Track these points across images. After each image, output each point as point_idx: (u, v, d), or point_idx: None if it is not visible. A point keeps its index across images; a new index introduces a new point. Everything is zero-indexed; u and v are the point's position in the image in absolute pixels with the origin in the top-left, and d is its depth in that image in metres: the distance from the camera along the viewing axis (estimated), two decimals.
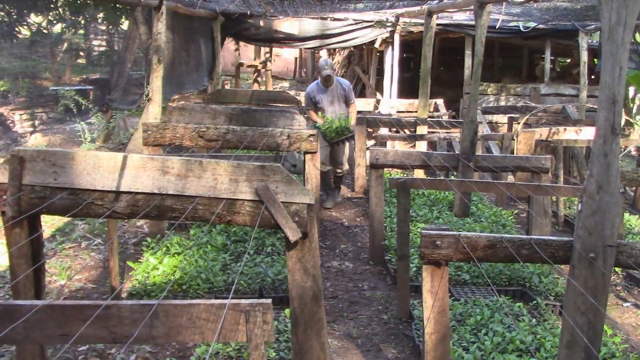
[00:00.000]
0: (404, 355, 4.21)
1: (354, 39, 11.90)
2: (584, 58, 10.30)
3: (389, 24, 11.44)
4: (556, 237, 2.80)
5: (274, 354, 3.78)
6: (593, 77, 12.59)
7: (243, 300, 1.96)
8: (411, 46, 15.31)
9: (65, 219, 6.38)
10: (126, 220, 6.53)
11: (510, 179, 7.99)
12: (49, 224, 6.16)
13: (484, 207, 7.18)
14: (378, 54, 13.84)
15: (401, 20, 11.24)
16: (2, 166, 2.86)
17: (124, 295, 4.67)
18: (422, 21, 9.02)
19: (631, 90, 12.50)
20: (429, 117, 8.96)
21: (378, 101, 11.55)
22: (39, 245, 3.07)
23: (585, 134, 7.95)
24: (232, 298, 2.10)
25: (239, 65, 16.60)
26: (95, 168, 2.94)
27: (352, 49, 15.56)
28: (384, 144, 10.05)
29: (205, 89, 10.41)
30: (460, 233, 2.82)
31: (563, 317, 2.72)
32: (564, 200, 7.77)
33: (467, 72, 12.13)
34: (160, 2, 6.40)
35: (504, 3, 7.91)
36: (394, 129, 9.10)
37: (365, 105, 11.08)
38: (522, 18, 11.02)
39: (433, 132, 8.76)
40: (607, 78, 2.43)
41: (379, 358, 4.19)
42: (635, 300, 5.41)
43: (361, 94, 14.21)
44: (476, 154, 5.72)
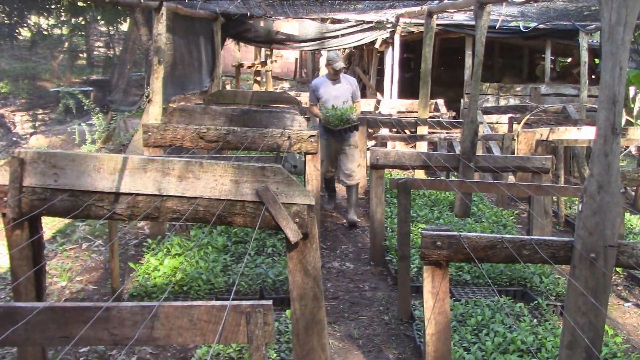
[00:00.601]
0: (405, 356, 4.21)
1: (355, 40, 11.91)
2: (585, 58, 10.29)
3: (389, 25, 11.44)
4: (557, 238, 2.80)
5: (274, 355, 3.78)
6: (594, 77, 12.58)
7: (244, 302, 1.96)
8: (411, 46, 15.32)
9: (66, 221, 6.37)
10: (127, 222, 6.53)
11: (510, 179, 7.99)
12: (50, 225, 6.17)
13: (484, 208, 7.18)
14: (378, 54, 13.85)
15: (401, 20, 11.25)
16: (3, 168, 2.86)
17: (125, 296, 4.66)
18: (422, 21, 9.03)
19: (632, 90, 12.51)
20: (430, 118, 8.96)
21: (378, 101, 11.55)
22: (40, 246, 3.07)
23: (586, 133, 7.94)
24: (233, 299, 2.11)
25: (239, 66, 16.61)
26: (95, 169, 2.94)
27: (353, 49, 15.56)
28: (385, 145, 10.05)
29: (206, 90, 10.42)
30: (460, 233, 2.82)
31: (564, 318, 2.71)
32: (564, 201, 7.76)
33: (468, 72, 12.16)
34: (160, 4, 6.40)
35: (504, 3, 7.91)
36: (395, 130, 9.10)
37: (366, 106, 11.08)
38: (522, 18, 11.02)
39: (433, 133, 8.76)
40: (608, 78, 2.43)
41: (380, 359, 4.18)
42: (637, 300, 5.41)
43: (361, 95, 14.19)
44: (477, 154, 5.72)
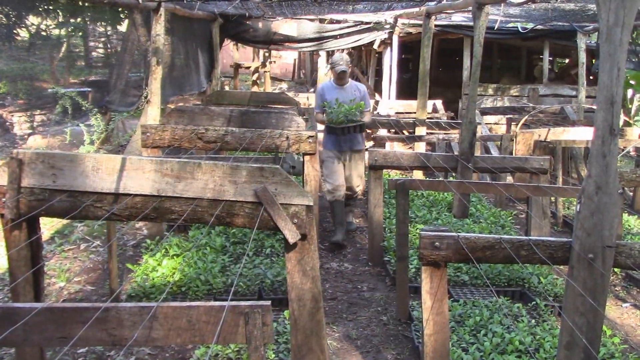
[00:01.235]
0: (403, 356, 4.21)
1: (353, 40, 11.92)
2: (583, 59, 10.31)
3: (387, 26, 11.45)
4: (555, 238, 2.80)
5: (273, 355, 3.78)
6: (591, 78, 12.60)
7: (242, 303, 1.96)
8: (410, 47, 15.33)
9: (64, 221, 6.37)
10: (125, 222, 6.52)
11: (509, 179, 7.99)
12: (48, 226, 6.16)
13: (483, 208, 7.19)
14: (377, 55, 13.87)
15: (399, 21, 11.26)
16: (1, 168, 2.86)
17: (123, 297, 4.66)
18: (421, 22, 9.03)
19: (629, 90, 12.52)
20: (428, 118, 8.97)
21: (377, 102, 11.56)
22: (38, 247, 3.07)
23: (584, 134, 7.95)
24: (232, 300, 2.11)
25: (237, 67, 16.62)
26: (94, 170, 2.94)
27: (351, 50, 15.56)
28: (383, 145, 10.05)
29: (204, 90, 10.42)
30: (459, 234, 2.82)
31: (562, 318, 2.72)
32: (563, 201, 7.77)
33: (466, 73, 12.18)
34: (159, 4, 6.40)
35: (502, 4, 7.92)
36: (393, 130, 9.11)
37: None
38: (521, 19, 11.03)
39: (432, 134, 8.77)
40: (605, 79, 2.44)
41: (378, 359, 4.19)
42: (635, 301, 5.42)
43: None
44: (475, 154, 5.73)
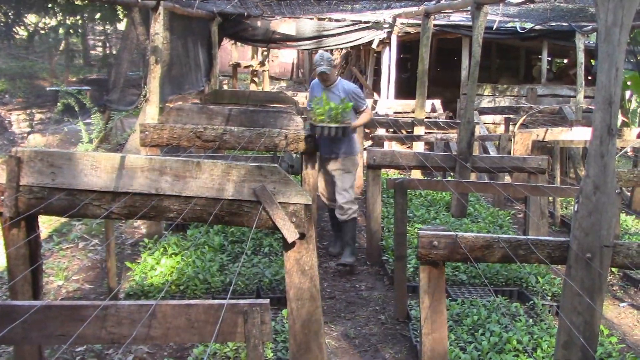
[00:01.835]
0: (401, 355, 4.22)
1: (352, 39, 11.93)
2: (581, 59, 10.32)
3: (386, 25, 11.46)
4: (553, 238, 2.81)
5: (271, 354, 3.79)
6: (590, 78, 12.61)
7: (241, 301, 1.96)
8: (408, 47, 15.33)
9: (63, 220, 6.37)
10: (123, 221, 6.53)
11: (507, 179, 8.00)
12: (46, 224, 6.16)
13: (481, 208, 7.20)
14: (375, 55, 13.86)
15: (398, 21, 11.27)
16: (0, 166, 2.86)
17: (121, 295, 4.66)
18: (419, 22, 9.03)
19: (627, 91, 12.54)
20: (426, 118, 8.97)
21: (375, 102, 11.57)
22: (37, 245, 3.07)
23: (582, 134, 7.97)
24: (230, 298, 2.11)
25: (236, 66, 16.61)
26: (93, 169, 2.94)
27: (350, 49, 15.58)
28: (381, 145, 10.06)
29: (203, 89, 10.42)
30: (457, 233, 2.82)
31: (560, 317, 2.72)
32: (560, 201, 7.78)
33: (464, 73, 12.19)
34: (158, 3, 6.40)
35: (501, 4, 7.92)
36: (391, 130, 9.11)
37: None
38: (519, 19, 11.04)
39: (430, 133, 8.78)
40: (604, 79, 2.44)
41: (376, 358, 4.19)
42: (632, 301, 5.43)
43: None
44: (473, 154, 5.73)
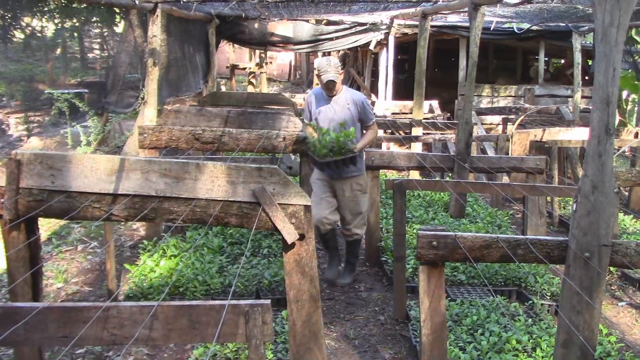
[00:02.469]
0: (400, 355, 4.22)
1: (349, 42, 11.96)
2: (578, 59, 10.35)
3: (383, 26, 11.48)
4: (551, 237, 2.82)
5: (271, 355, 3.79)
6: (587, 78, 12.65)
7: (242, 302, 1.97)
8: (405, 48, 15.36)
9: (61, 222, 6.38)
10: (122, 223, 6.53)
11: (505, 179, 8.02)
12: (45, 227, 6.16)
13: (479, 208, 7.21)
14: (373, 56, 13.89)
15: (395, 22, 11.29)
16: (0, 169, 2.86)
17: (121, 297, 4.66)
18: (417, 23, 9.05)
19: (624, 91, 12.58)
20: (424, 119, 8.99)
21: (373, 103, 11.58)
22: (37, 248, 3.07)
23: (579, 134, 7.99)
24: (230, 300, 2.11)
25: (233, 68, 16.63)
26: (92, 171, 2.94)
27: (347, 50, 15.59)
28: (379, 146, 10.07)
29: (200, 91, 10.43)
30: (456, 233, 2.84)
31: (559, 317, 2.74)
32: (559, 201, 7.80)
33: (462, 74, 12.20)
34: (156, 5, 6.40)
35: (498, 4, 7.94)
36: (389, 131, 9.12)
37: None
38: (516, 19, 11.07)
39: (428, 134, 8.79)
40: (601, 79, 2.46)
41: (376, 359, 4.20)
42: (630, 300, 5.44)
43: None
44: (471, 155, 5.75)
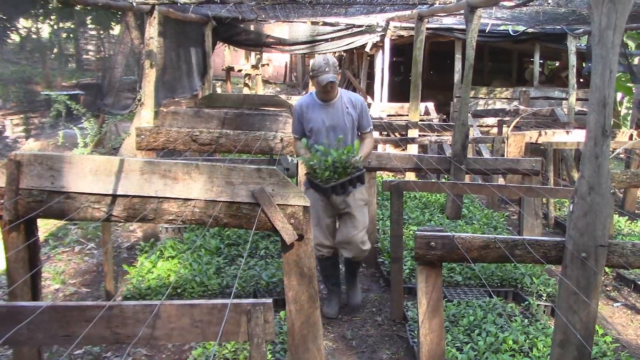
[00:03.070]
0: (398, 356, 4.24)
1: (345, 43, 11.99)
2: (573, 61, 10.40)
3: (379, 29, 11.51)
4: (548, 238, 2.85)
5: (269, 355, 3.80)
6: (581, 80, 12.70)
7: (244, 300, 1.98)
8: (401, 50, 15.39)
9: (59, 224, 6.38)
10: (119, 225, 6.53)
11: (500, 181, 8.05)
12: (43, 228, 6.16)
13: (475, 210, 7.24)
14: (369, 58, 13.92)
15: (391, 24, 11.32)
16: (0, 170, 2.87)
17: (119, 298, 4.67)
18: (412, 25, 9.08)
19: (619, 93, 12.64)
20: (420, 121, 9.02)
21: (369, 105, 11.60)
22: (36, 249, 3.08)
23: (574, 136, 8.04)
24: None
25: (229, 70, 16.65)
26: (92, 172, 2.95)
27: (343, 52, 15.63)
28: (375, 148, 10.08)
29: (197, 93, 10.44)
30: (454, 234, 2.85)
31: (556, 316, 2.76)
32: (554, 202, 7.83)
33: (457, 76, 12.25)
34: (153, 7, 6.42)
35: (494, 7, 7.98)
36: (385, 133, 9.15)
37: None
38: (512, 22, 11.11)
39: (424, 136, 8.82)
40: (598, 81, 2.48)
41: (373, 359, 4.22)
42: (625, 300, 5.48)
43: None
44: (467, 156, 5.77)
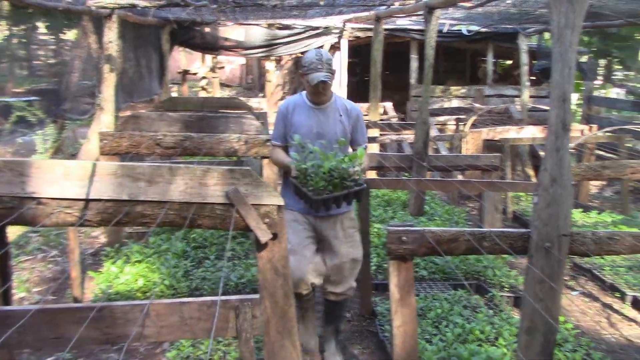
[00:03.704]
0: (369, 350, 4.33)
1: (303, 46, 12.07)
2: (524, 60, 10.70)
3: (336, 30, 11.63)
4: (514, 229, 2.97)
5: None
6: (533, 78, 13.05)
7: (232, 297, 2.03)
8: (357, 51, 15.55)
9: (19, 232, 6.28)
10: (82, 231, 6.46)
11: (459, 177, 8.24)
12: None
13: (436, 206, 7.39)
14: None
15: (348, 25, 11.45)
16: None
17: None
18: (369, 26, 9.22)
19: None
20: (380, 120, 9.15)
21: None
22: (7, 257, 3.05)
23: (528, 132, 8.29)
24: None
25: (185, 73, 16.53)
26: (64, 176, 2.94)
27: (300, 54, 15.68)
28: None
29: (155, 97, 10.37)
30: (424, 228, 2.95)
31: (523, 304, 2.88)
32: (512, 197, 8.05)
33: (414, 76, 12.45)
34: (112, 11, 6.38)
35: (450, 8, 8.16)
36: None
37: None
38: (466, 22, 11.35)
39: (385, 135, 8.95)
40: (558, 77, 2.60)
41: (344, 354, 4.29)
42: (582, 289, 5.69)
43: None
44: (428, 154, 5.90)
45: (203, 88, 17.18)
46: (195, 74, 17.35)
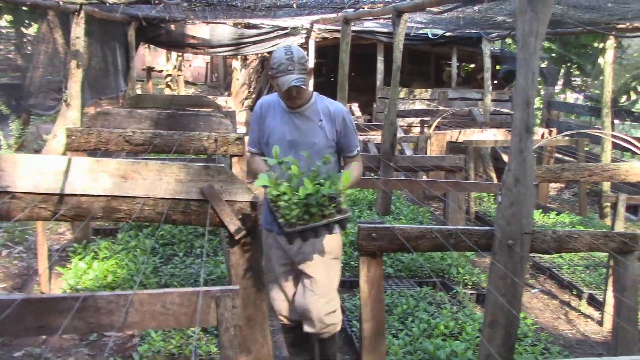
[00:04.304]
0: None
1: (270, 45, 12.13)
2: (488, 64, 10.95)
3: (303, 31, 11.72)
4: (479, 227, 3.09)
5: (215, 349, 3.89)
6: (496, 82, 13.35)
7: (214, 288, 2.10)
8: (324, 52, 15.64)
9: None
10: (47, 227, 6.40)
11: (424, 178, 8.40)
12: None
13: (402, 205, 7.52)
14: None
15: (315, 26, 11.55)
16: None
17: None
18: (336, 28, 9.31)
19: None
20: None
21: None
22: None
23: (490, 134, 8.51)
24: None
25: (149, 70, 16.42)
26: (38, 171, 2.97)
27: (267, 54, 15.71)
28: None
29: (121, 94, 10.31)
30: (394, 225, 3.05)
31: (486, 299, 3.00)
32: (474, 197, 8.25)
33: (380, 77, 12.61)
34: (80, 7, 6.35)
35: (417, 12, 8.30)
36: None
37: None
38: (432, 26, 11.54)
39: None
40: (522, 82, 2.73)
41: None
42: (542, 287, 5.88)
43: None
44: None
45: (167, 85, 17.08)
46: (161, 71, 17.26)
